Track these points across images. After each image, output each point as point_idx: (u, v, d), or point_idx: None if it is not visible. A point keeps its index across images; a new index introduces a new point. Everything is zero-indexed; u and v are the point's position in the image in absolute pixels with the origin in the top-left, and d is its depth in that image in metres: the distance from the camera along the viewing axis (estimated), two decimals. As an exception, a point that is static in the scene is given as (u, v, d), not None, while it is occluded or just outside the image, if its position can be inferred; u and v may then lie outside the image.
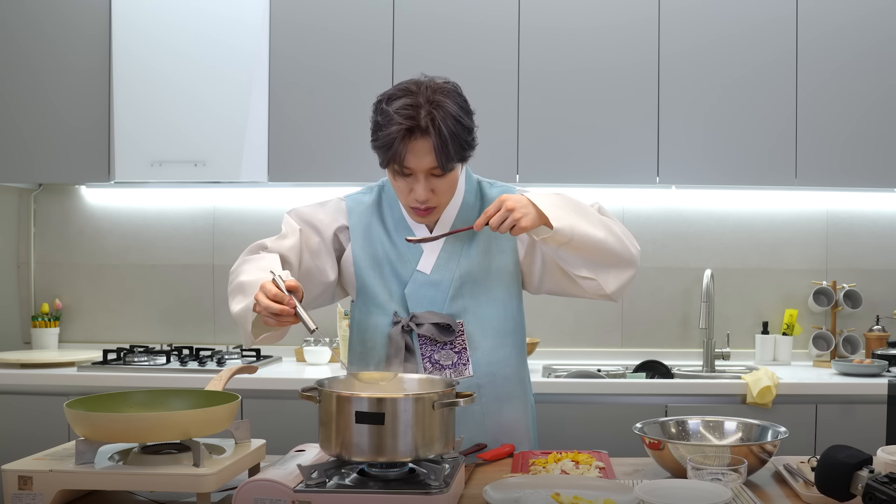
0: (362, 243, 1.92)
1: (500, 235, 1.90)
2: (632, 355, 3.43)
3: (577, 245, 1.77)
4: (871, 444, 1.65)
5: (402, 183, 1.80)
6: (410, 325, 1.86)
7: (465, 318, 1.89)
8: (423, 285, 1.89)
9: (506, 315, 1.92)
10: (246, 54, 3.16)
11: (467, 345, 1.88)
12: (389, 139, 1.73)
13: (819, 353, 3.34)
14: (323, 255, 1.92)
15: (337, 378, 1.64)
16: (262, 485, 1.40)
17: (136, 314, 3.58)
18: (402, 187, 1.81)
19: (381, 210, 1.95)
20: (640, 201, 3.48)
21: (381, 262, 1.91)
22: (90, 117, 3.25)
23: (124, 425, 1.44)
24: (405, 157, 1.74)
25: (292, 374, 3.04)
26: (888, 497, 1.31)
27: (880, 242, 3.45)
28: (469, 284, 1.89)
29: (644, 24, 3.17)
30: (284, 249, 1.86)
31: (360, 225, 1.93)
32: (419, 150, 1.74)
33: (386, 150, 1.75)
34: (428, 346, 1.87)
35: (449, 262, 1.89)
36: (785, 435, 1.68)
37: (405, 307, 1.89)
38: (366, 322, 1.92)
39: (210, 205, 3.56)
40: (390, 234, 1.92)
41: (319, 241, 1.92)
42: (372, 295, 1.91)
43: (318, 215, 1.95)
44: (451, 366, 1.87)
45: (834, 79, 3.14)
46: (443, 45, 3.17)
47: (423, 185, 1.78)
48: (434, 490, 1.38)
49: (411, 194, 1.80)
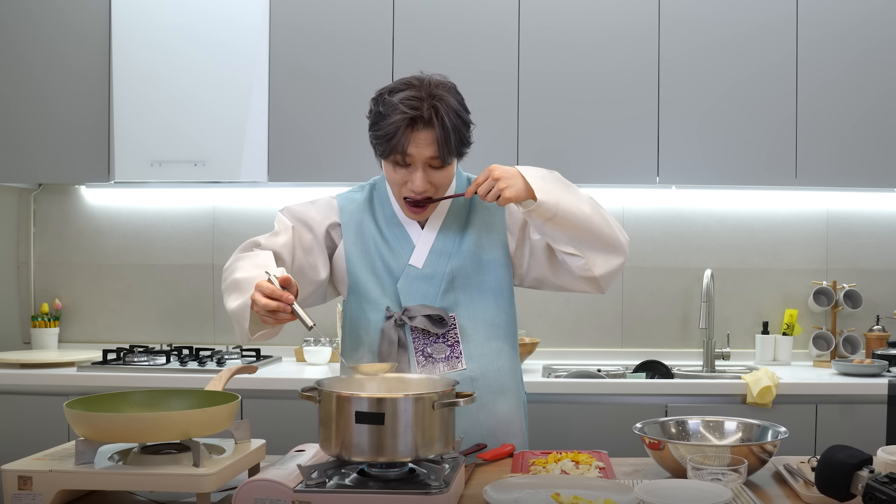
0: (354, 239, 1.93)
1: (490, 228, 1.92)
2: (632, 355, 3.43)
3: (561, 220, 1.79)
4: (871, 444, 1.65)
5: (399, 174, 1.83)
6: (403, 319, 1.87)
7: (457, 311, 1.90)
8: (416, 279, 1.90)
9: (497, 308, 1.93)
10: (246, 54, 3.16)
11: (460, 338, 1.89)
12: (392, 128, 1.76)
13: (819, 353, 3.34)
14: (315, 252, 1.93)
15: (337, 378, 1.64)
16: (262, 485, 1.40)
17: (136, 314, 3.58)
18: (399, 179, 1.83)
19: (372, 207, 1.96)
20: (640, 201, 3.48)
21: (372, 257, 1.92)
22: (90, 117, 3.25)
23: (124, 425, 1.44)
24: (407, 146, 1.77)
25: (292, 374, 3.04)
26: (888, 497, 1.31)
27: (880, 242, 3.45)
28: (461, 278, 1.91)
29: (644, 25, 3.17)
30: (278, 247, 1.87)
31: (352, 222, 1.95)
32: (421, 140, 1.77)
33: (388, 140, 1.78)
34: (420, 340, 1.88)
35: (440, 256, 1.91)
36: (785, 435, 1.68)
37: (398, 302, 1.90)
38: (358, 318, 1.93)
39: (210, 205, 3.56)
40: (382, 231, 1.93)
41: (312, 238, 1.93)
42: (364, 290, 1.92)
43: (310, 213, 1.95)
44: (444, 359, 1.88)
45: (834, 79, 3.14)
46: (443, 45, 3.17)
47: (422, 175, 1.81)
48: (434, 490, 1.38)
49: (407, 185, 1.82)
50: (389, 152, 1.80)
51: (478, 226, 1.93)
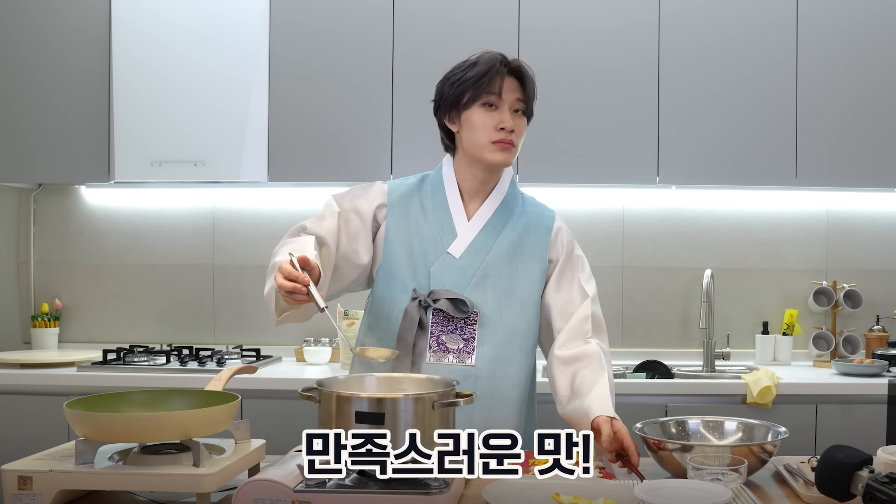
0: (397, 220, 1.96)
1: (535, 243, 1.97)
2: (632, 355, 3.43)
3: None
4: (871, 444, 1.64)
5: (487, 117, 1.89)
6: (427, 301, 1.89)
7: (481, 308, 1.91)
8: (449, 267, 1.92)
9: (521, 317, 1.94)
10: (246, 54, 3.15)
11: (476, 335, 1.90)
12: (486, 68, 1.88)
13: (819, 353, 3.34)
14: (361, 236, 1.95)
15: (337, 378, 1.64)
16: (262, 485, 1.39)
17: (136, 314, 3.58)
18: (490, 121, 1.89)
19: (422, 192, 2.00)
20: (640, 201, 3.48)
21: (412, 239, 1.95)
22: (90, 117, 3.25)
23: (124, 425, 1.44)
24: (502, 85, 1.88)
25: (292, 374, 3.05)
26: (888, 497, 1.31)
27: (880, 242, 3.45)
28: (493, 278, 1.92)
29: (644, 25, 3.17)
30: (323, 231, 1.90)
31: (399, 203, 1.98)
32: (508, 84, 1.90)
33: (480, 80, 1.88)
34: (439, 326, 1.90)
35: (479, 250, 1.93)
36: (785, 435, 1.68)
37: (426, 286, 1.92)
38: (384, 296, 1.95)
39: (210, 205, 3.56)
40: (427, 214, 1.96)
41: (359, 222, 1.96)
42: (395, 270, 1.94)
43: (359, 197, 1.99)
44: (456, 351, 1.90)
45: (834, 79, 3.14)
46: (443, 46, 3.17)
47: (510, 115, 1.90)
48: (434, 490, 1.38)
49: (498, 126, 1.89)
50: (482, 92, 1.88)
51: (522, 235, 1.97)
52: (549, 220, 2.01)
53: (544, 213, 2.03)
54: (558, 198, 3.36)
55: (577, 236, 2.05)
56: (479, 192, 1.98)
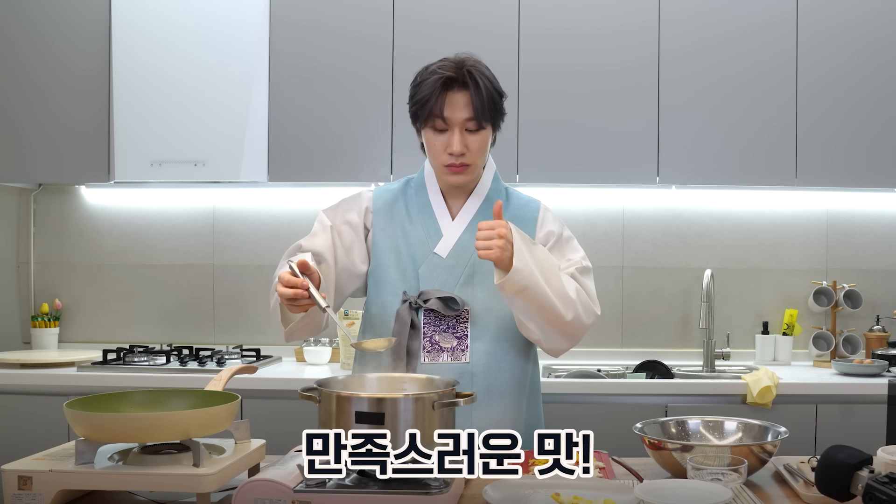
0: (383, 224, 1.98)
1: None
2: (632, 355, 3.43)
3: (527, 299, 1.79)
4: (871, 444, 1.64)
5: (437, 140, 1.88)
6: (418, 303, 1.90)
7: (472, 305, 1.92)
8: (437, 268, 1.93)
9: None
10: (246, 54, 3.15)
11: (469, 332, 1.91)
12: (428, 91, 1.85)
13: (819, 353, 3.34)
14: (356, 247, 1.97)
15: (337, 378, 1.64)
16: (262, 485, 1.40)
17: (136, 314, 3.58)
18: (439, 144, 1.88)
19: (406, 195, 2.01)
20: (640, 201, 3.48)
21: (398, 242, 1.96)
22: (90, 117, 3.25)
23: (124, 425, 1.44)
24: (444, 107, 1.84)
25: (292, 374, 3.05)
26: (888, 497, 1.31)
27: (880, 242, 3.45)
28: (481, 274, 1.93)
29: (644, 25, 3.17)
30: (319, 247, 1.91)
31: (384, 208, 2.00)
32: (456, 101, 1.85)
33: (424, 104, 1.85)
34: (431, 326, 1.91)
35: (466, 248, 1.94)
36: (785, 435, 1.67)
37: (416, 288, 1.93)
38: (375, 301, 1.97)
39: (210, 205, 3.56)
40: (412, 216, 1.98)
41: (352, 234, 1.98)
42: (384, 274, 1.96)
43: (348, 208, 2.01)
44: (450, 350, 1.91)
45: (834, 79, 3.14)
46: (443, 45, 3.11)
47: (459, 138, 1.86)
48: (434, 490, 1.38)
49: (446, 150, 1.87)
50: (427, 116, 1.86)
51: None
52: (534, 211, 2.02)
53: (529, 205, 2.03)
54: (558, 198, 3.36)
55: (577, 236, 2.05)
56: (461, 191, 1.99)
